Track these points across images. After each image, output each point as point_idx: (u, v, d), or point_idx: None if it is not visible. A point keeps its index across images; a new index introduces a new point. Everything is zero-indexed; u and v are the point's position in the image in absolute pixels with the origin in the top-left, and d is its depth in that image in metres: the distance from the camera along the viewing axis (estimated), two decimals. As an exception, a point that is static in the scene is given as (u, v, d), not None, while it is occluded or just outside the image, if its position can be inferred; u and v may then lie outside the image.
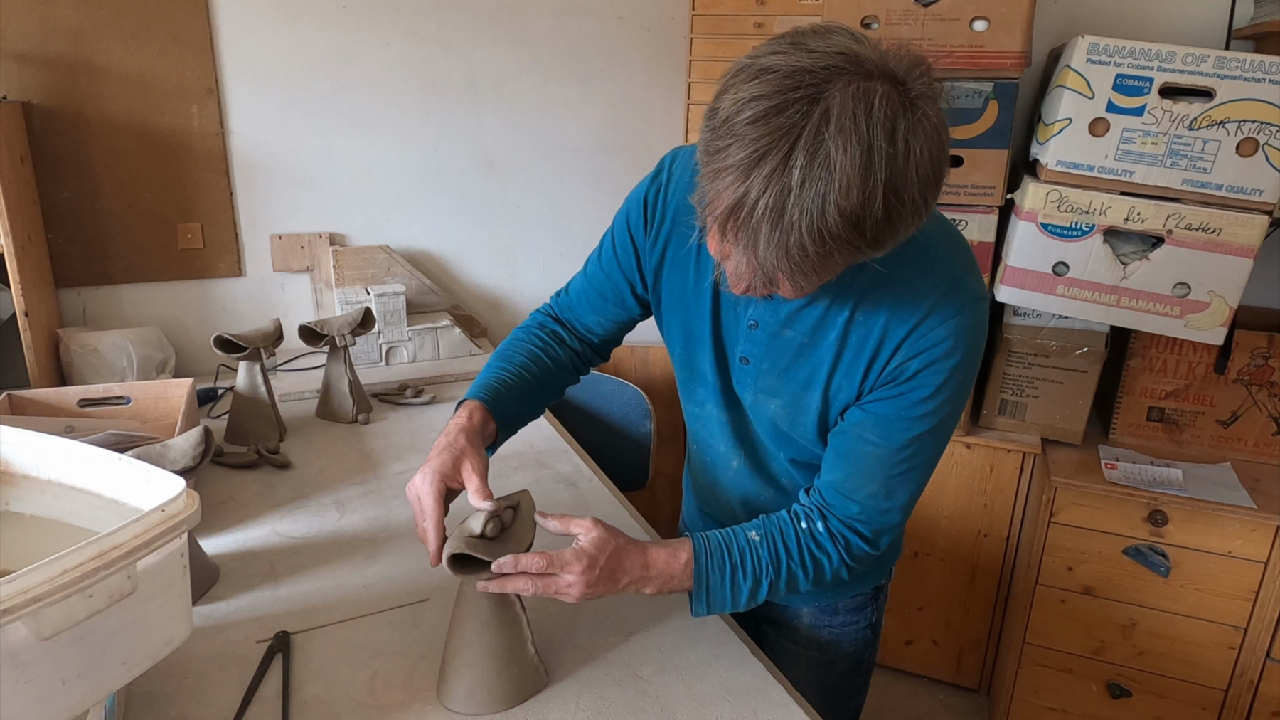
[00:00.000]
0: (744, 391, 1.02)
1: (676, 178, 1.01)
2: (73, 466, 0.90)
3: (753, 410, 1.03)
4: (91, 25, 1.78)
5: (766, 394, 0.99)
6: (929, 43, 1.75)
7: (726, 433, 1.09)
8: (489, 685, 0.92)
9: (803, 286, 0.77)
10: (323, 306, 2.13)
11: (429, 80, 2.09)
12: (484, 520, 0.89)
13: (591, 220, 2.36)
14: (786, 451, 1.04)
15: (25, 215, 1.67)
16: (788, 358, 0.96)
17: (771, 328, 0.96)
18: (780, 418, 1.00)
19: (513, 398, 1.06)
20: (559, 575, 0.89)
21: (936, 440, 0.92)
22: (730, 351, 1.02)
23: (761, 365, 0.98)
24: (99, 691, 0.74)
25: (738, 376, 1.02)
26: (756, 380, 1.00)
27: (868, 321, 0.90)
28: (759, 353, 0.98)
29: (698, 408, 1.11)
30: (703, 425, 1.12)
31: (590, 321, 1.16)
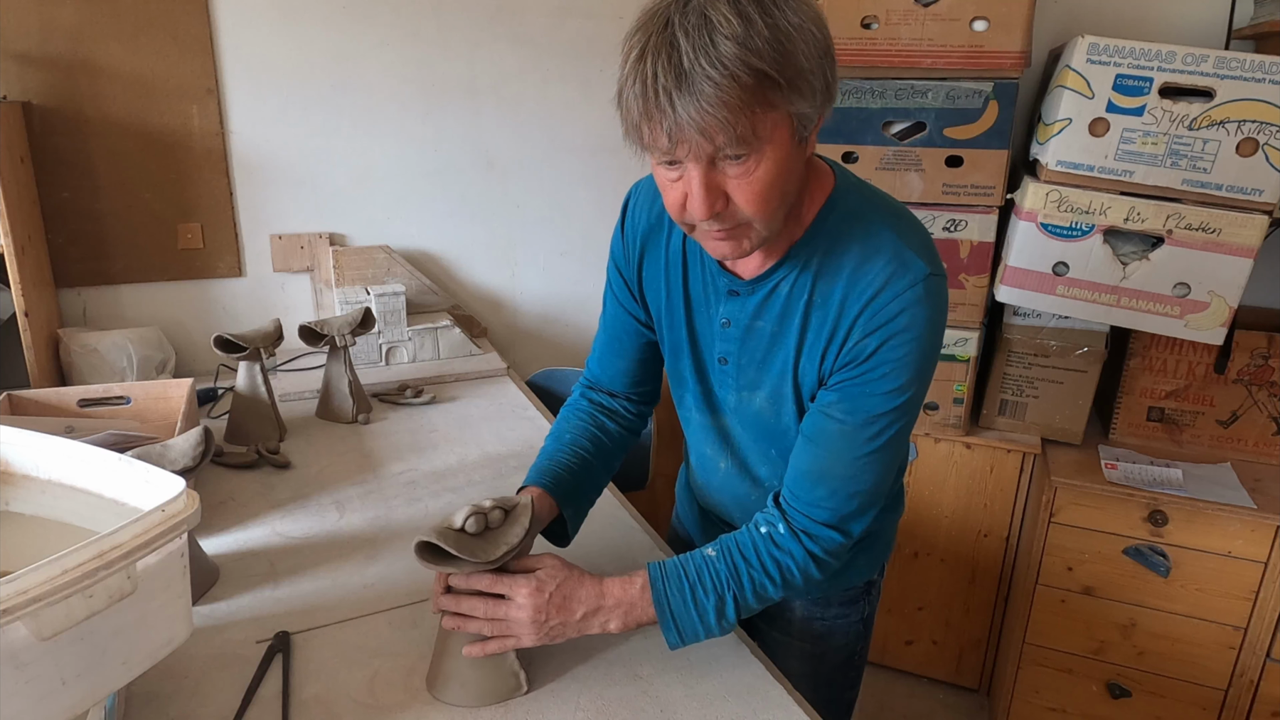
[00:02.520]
0: (726, 393, 1.04)
1: (634, 202, 1.08)
2: (73, 466, 0.90)
3: (737, 411, 1.05)
4: (91, 25, 1.78)
5: (750, 389, 1.01)
6: (929, 43, 1.75)
7: (711, 436, 1.11)
8: (462, 678, 0.93)
9: (749, 140, 0.77)
10: (323, 306, 2.13)
11: (429, 80, 2.09)
12: (465, 515, 0.90)
13: (591, 220, 2.36)
14: (776, 446, 1.04)
15: (25, 215, 1.67)
16: (763, 349, 0.98)
17: (743, 321, 0.98)
18: (765, 411, 1.01)
19: (569, 474, 1.08)
20: (508, 599, 0.90)
21: (901, 420, 0.92)
22: (708, 356, 1.04)
23: (740, 361, 1.00)
24: (99, 691, 0.74)
25: (719, 379, 1.04)
26: (738, 377, 1.01)
27: (825, 304, 0.92)
28: (735, 350, 1.00)
29: (686, 413, 1.14)
30: (691, 430, 1.15)
31: (621, 369, 1.17)
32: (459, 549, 0.87)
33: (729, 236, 0.85)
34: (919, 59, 1.77)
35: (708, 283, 1.01)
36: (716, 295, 1.00)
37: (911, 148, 1.83)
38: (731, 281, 0.98)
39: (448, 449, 1.58)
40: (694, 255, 1.02)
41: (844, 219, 0.92)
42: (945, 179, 1.83)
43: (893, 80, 1.81)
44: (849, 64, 1.82)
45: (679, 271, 1.03)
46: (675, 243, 1.03)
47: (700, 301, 1.02)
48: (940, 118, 1.79)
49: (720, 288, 0.99)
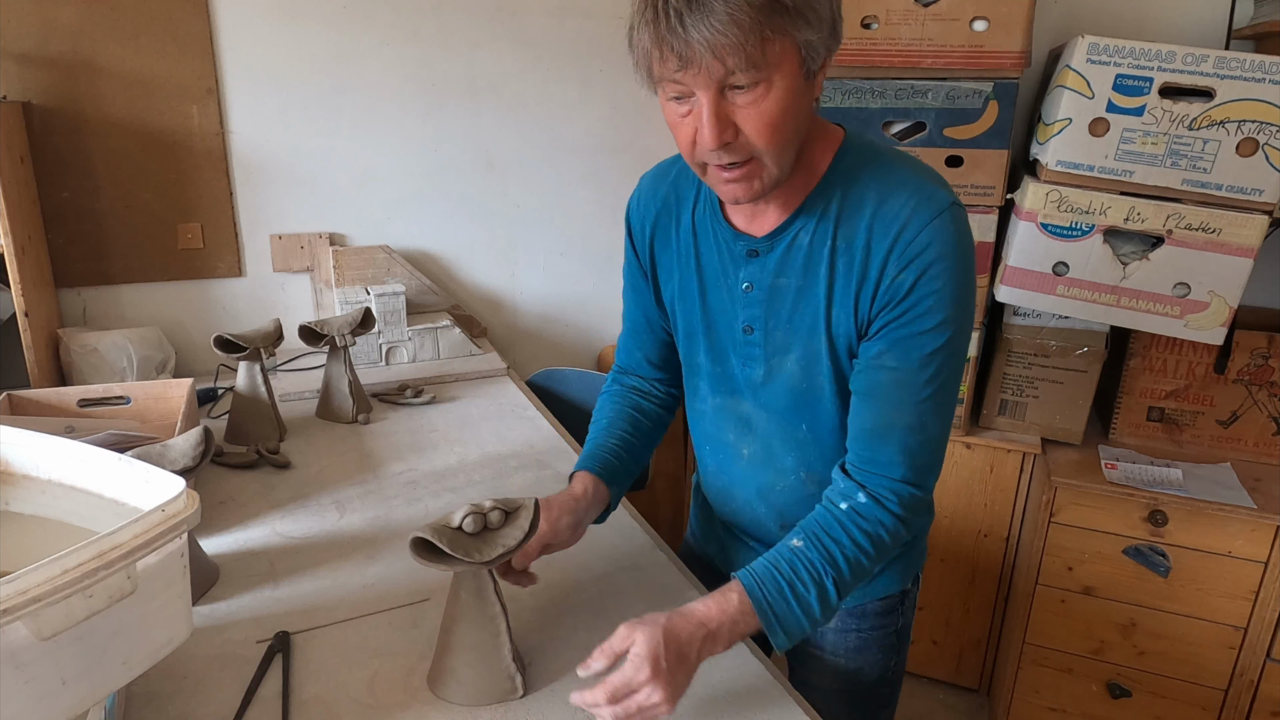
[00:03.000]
0: (753, 368, 1.01)
1: (637, 193, 1.09)
2: (73, 466, 0.90)
3: (766, 386, 1.01)
4: (91, 25, 1.78)
5: (780, 353, 0.98)
6: (929, 43, 1.75)
7: (731, 422, 1.07)
8: (458, 677, 0.93)
9: (758, 64, 0.78)
10: (323, 306, 2.13)
11: (429, 80, 2.09)
12: (463, 514, 0.90)
13: (591, 220, 2.36)
14: (806, 419, 1.00)
15: (25, 215, 1.67)
16: (789, 305, 0.95)
17: (765, 282, 0.96)
18: (796, 377, 0.98)
19: (614, 457, 1.11)
20: (635, 694, 0.82)
21: (952, 358, 0.90)
22: (728, 332, 1.02)
23: (767, 325, 0.97)
24: (99, 691, 0.74)
25: (744, 354, 1.01)
26: (766, 344, 0.98)
27: (850, 248, 0.91)
28: (760, 314, 0.97)
29: (700, 404, 1.11)
30: (708, 420, 1.11)
31: (646, 357, 1.18)
32: (454, 548, 0.87)
33: (740, 176, 0.85)
34: (919, 59, 1.77)
35: (723, 251, 0.99)
36: (734, 261, 0.98)
37: (912, 148, 1.83)
38: (749, 242, 0.96)
39: (448, 449, 1.58)
40: (705, 229, 1.01)
41: (858, 163, 0.92)
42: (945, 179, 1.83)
43: (893, 80, 1.81)
44: (849, 64, 1.82)
45: (691, 252, 1.02)
46: (685, 224, 1.03)
47: (716, 275, 1.00)
48: (940, 118, 1.79)
49: (738, 252, 0.97)
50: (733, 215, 0.99)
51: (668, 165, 1.08)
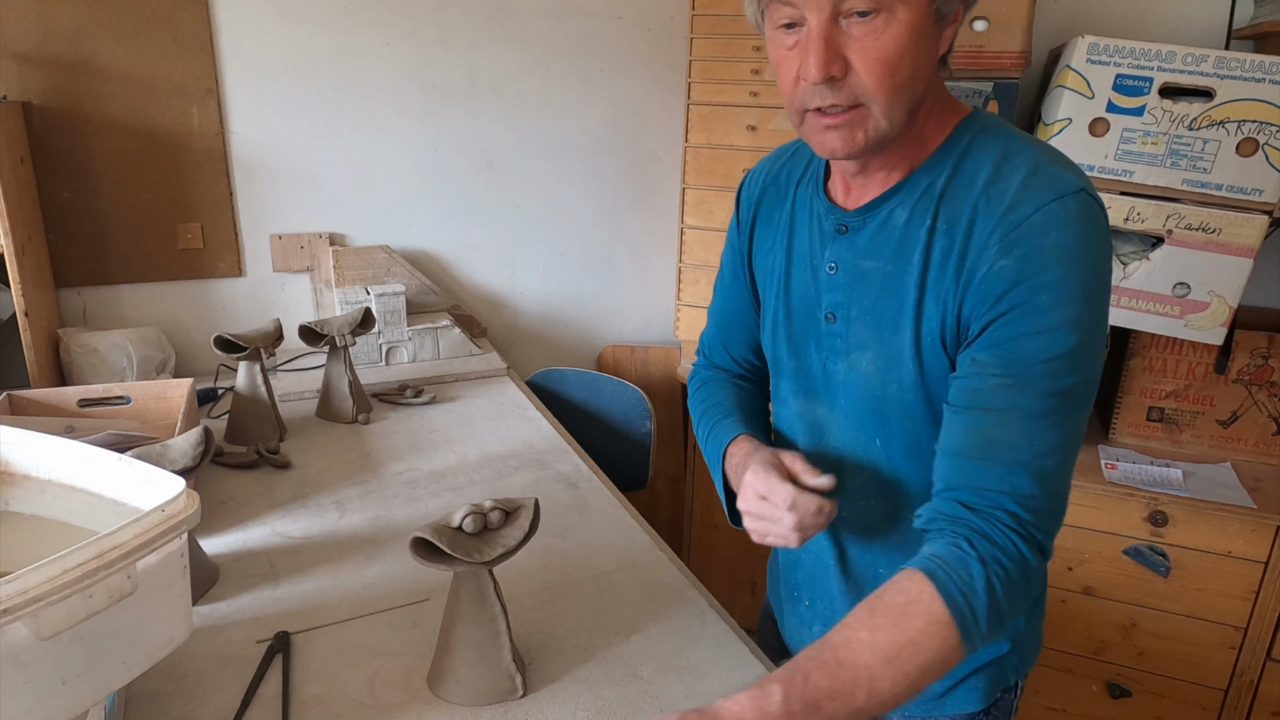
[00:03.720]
0: (835, 362, 0.87)
1: (754, 169, 1.00)
2: (73, 466, 0.90)
3: (844, 386, 0.87)
4: (91, 25, 1.78)
5: (859, 349, 0.84)
6: (929, 43, 1.75)
7: (806, 426, 0.93)
8: (458, 677, 0.93)
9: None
10: (323, 306, 2.13)
11: (429, 80, 2.09)
12: (463, 514, 0.90)
13: (591, 220, 2.36)
14: (880, 432, 0.85)
15: (25, 215, 1.67)
16: (873, 293, 0.83)
17: (852, 264, 0.84)
18: (873, 378, 0.84)
19: (749, 427, 0.98)
20: None
21: (1076, 372, 0.72)
22: (808, 320, 0.89)
23: (850, 314, 0.85)
24: (99, 691, 0.74)
25: (824, 347, 0.88)
26: (847, 336, 0.85)
27: (952, 229, 0.77)
28: (844, 300, 0.85)
29: (783, 408, 0.97)
30: (789, 428, 0.97)
31: (734, 354, 1.08)
32: (454, 548, 0.87)
33: (842, 122, 0.75)
34: (919, 59, 1.77)
35: (814, 227, 0.88)
36: (823, 238, 0.87)
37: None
38: (841, 216, 0.85)
39: (448, 449, 1.58)
40: (804, 203, 0.91)
41: (978, 141, 0.79)
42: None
43: (893, 80, 1.80)
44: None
45: (786, 229, 0.93)
46: (788, 201, 0.93)
47: (804, 253, 0.89)
48: (940, 118, 1.79)
49: (828, 228, 0.86)
50: (833, 188, 0.88)
51: (787, 146, 0.99)
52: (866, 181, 0.84)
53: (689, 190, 2.24)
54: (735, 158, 2.16)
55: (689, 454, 2.39)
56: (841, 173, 0.86)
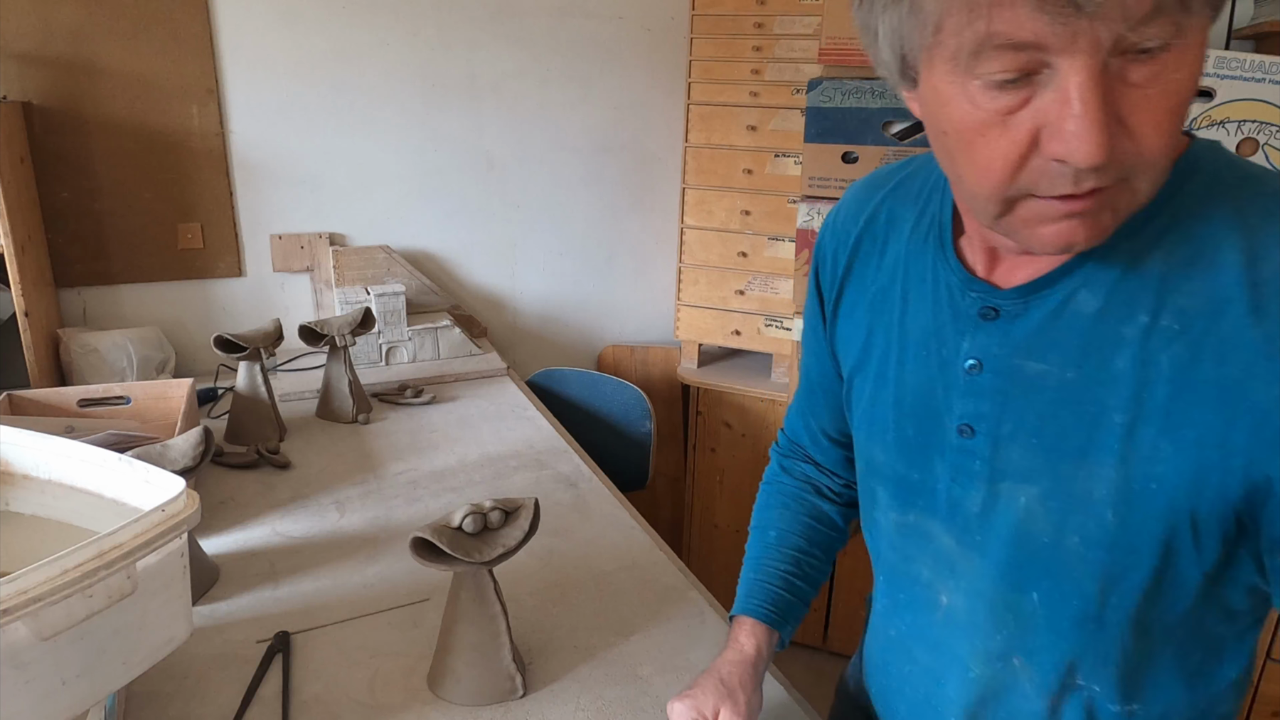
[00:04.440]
0: (968, 487, 0.66)
1: (840, 205, 0.80)
2: (73, 466, 0.90)
3: (985, 519, 0.65)
4: (91, 25, 1.78)
5: (1015, 479, 0.62)
6: (929, 43, 1.75)
7: (921, 548, 0.72)
8: (458, 677, 0.93)
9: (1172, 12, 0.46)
10: (323, 306, 2.13)
11: (429, 80, 2.09)
12: (463, 514, 0.90)
13: (591, 220, 2.36)
14: (1039, 586, 0.63)
15: (25, 215, 1.67)
16: (1043, 408, 0.60)
17: (1007, 362, 0.62)
18: (1038, 521, 0.61)
19: (784, 587, 0.85)
20: None
21: None
22: (932, 426, 0.68)
23: (999, 431, 0.63)
24: (99, 691, 0.74)
25: (959, 465, 0.66)
26: (994, 460, 0.63)
27: (1189, 332, 0.54)
28: (991, 411, 0.63)
29: (879, 514, 0.77)
30: (886, 541, 0.77)
31: (825, 427, 0.89)
32: (454, 548, 0.87)
33: (1093, 207, 0.51)
34: (919, 59, 1.77)
35: (942, 302, 0.67)
36: (959, 322, 0.65)
37: (911, 148, 1.83)
38: (987, 294, 0.63)
39: (448, 449, 1.58)
40: (920, 265, 0.69)
41: (1213, 195, 0.55)
42: (945, 179, 1.83)
43: (893, 80, 1.80)
44: (849, 64, 1.82)
45: (893, 296, 0.71)
46: (894, 255, 0.72)
47: (926, 336, 0.68)
48: (940, 118, 1.79)
49: (967, 309, 0.65)
50: (966, 248, 0.66)
51: (887, 173, 0.78)
52: None
53: (689, 190, 2.24)
54: (735, 158, 2.16)
55: (689, 454, 2.39)
56: (984, 233, 0.63)
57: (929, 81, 0.53)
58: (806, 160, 1.91)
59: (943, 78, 0.51)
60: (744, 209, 2.17)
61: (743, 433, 2.26)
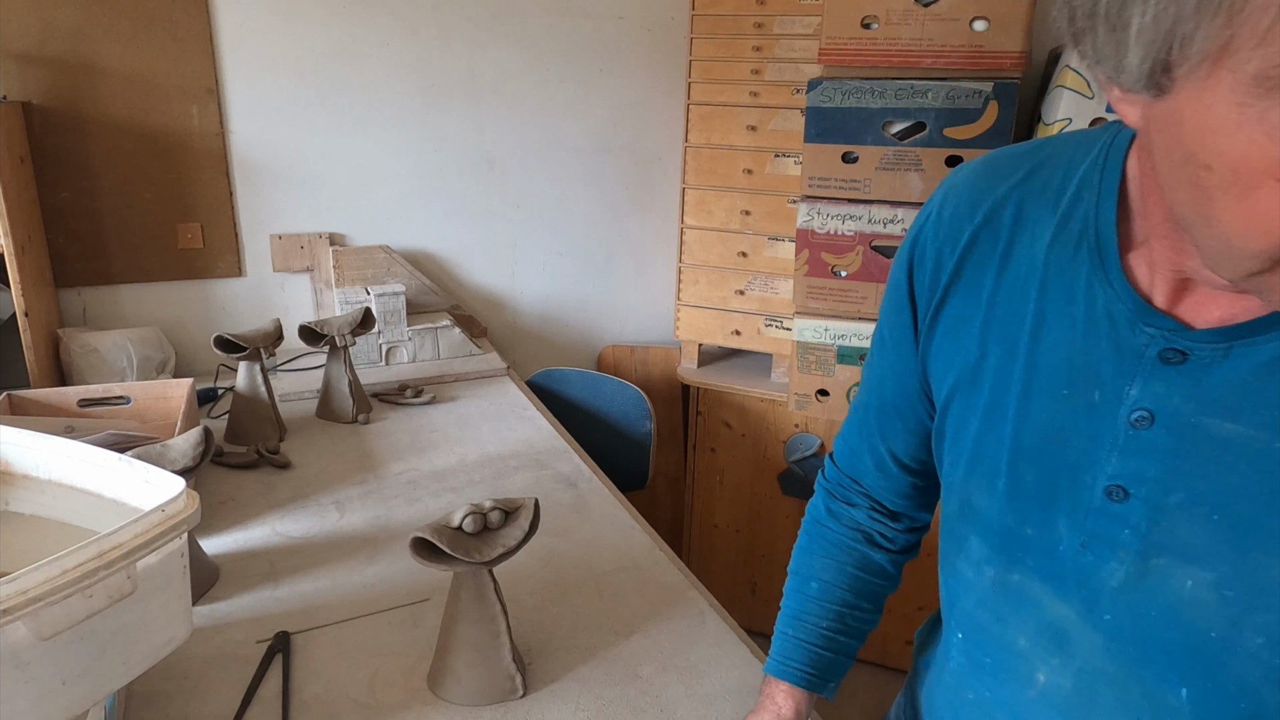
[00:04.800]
0: (1113, 560, 0.56)
1: (945, 193, 0.66)
2: (73, 466, 0.90)
3: (1127, 595, 0.55)
4: (91, 25, 1.78)
5: (1181, 558, 0.53)
6: (929, 43, 1.75)
7: (1023, 612, 0.62)
8: (458, 677, 0.93)
9: None
10: (323, 306, 2.13)
11: (429, 80, 2.09)
12: (463, 514, 0.90)
13: (591, 220, 2.36)
14: (1194, 684, 0.54)
15: (25, 215, 1.67)
16: (1236, 481, 0.50)
17: (1187, 421, 0.52)
18: (1207, 610, 0.52)
19: (826, 645, 0.78)
20: None
21: None
22: (1067, 478, 0.57)
23: (1166, 500, 0.53)
24: (99, 691, 0.74)
25: (1098, 530, 0.56)
26: (1151, 533, 0.54)
27: None
28: (1159, 474, 0.53)
29: (965, 564, 0.67)
30: (973, 595, 0.67)
31: (893, 450, 0.77)
32: (454, 548, 0.87)
33: None
34: (919, 59, 1.77)
35: (1100, 334, 0.55)
36: (1125, 361, 0.54)
37: (911, 148, 1.83)
38: (1174, 334, 0.52)
39: (448, 449, 1.58)
40: (1067, 285, 0.57)
41: None
42: (945, 179, 1.83)
43: (893, 80, 1.81)
44: (849, 64, 1.82)
45: (1024, 313, 0.59)
46: (1025, 262, 0.60)
47: (1072, 373, 0.57)
48: (940, 118, 1.79)
49: (1138, 346, 0.53)
50: (1138, 268, 0.54)
51: (1011, 158, 0.63)
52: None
53: (689, 190, 2.24)
54: (735, 158, 2.16)
55: (689, 454, 2.39)
56: (1178, 257, 0.51)
57: (1197, 98, 0.41)
58: (806, 160, 1.91)
59: (1226, 98, 0.39)
60: (744, 209, 2.17)
61: (743, 433, 2.26)
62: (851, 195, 1.88)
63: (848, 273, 1.91)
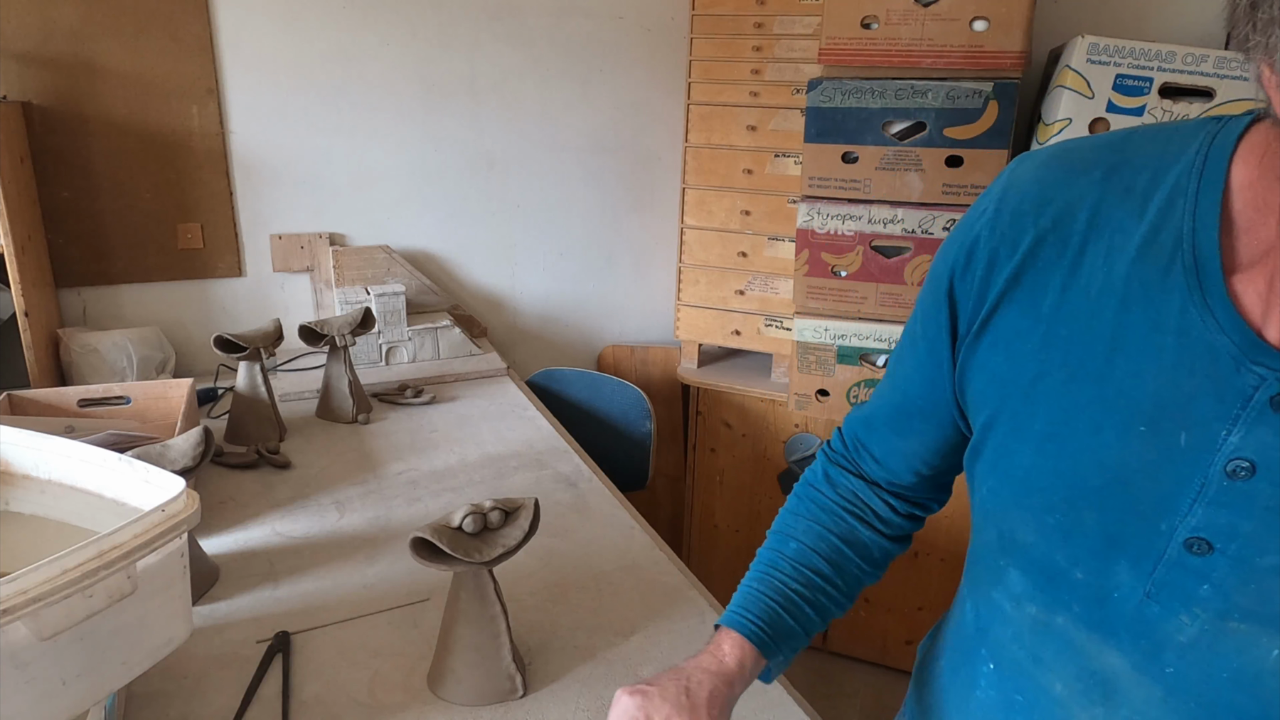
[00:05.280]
0: (1184, 615, 0.51)
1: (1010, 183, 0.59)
2: (73, 466, 0.90)
3: (1196, 653, 0.51)
4: (91, 25, 1.78)
5: (1262, 623, 0.48)
6: (929, 43, 1.75)
7: (1066, 657, 0.57)
8: (458, 677, 0.93)
9: None
10: (323, 306, 2.13)
11: (429, 80, 2.09)
12: (463, 514, 0.90)
13: (591, 220, 2.36)
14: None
15: (25, 215, 1.67)
16: None
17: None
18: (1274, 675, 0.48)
19: (788, 608, 0.70)
20: None
21: None
22: (1139, 526, 0.52)
23: (1257, 561, 0.48)
24: (99, 691, 0.74)
25: (1171, 582, 0.51)
26: (1234, 594, 0.49)
27: None
28: (1256, 533, 0.48)
29: (1001, 596, 0.62)
30: (1008, 631, 0.62)
31: (902, 454, 0.73)
32: (454, 548, 0.87)
33: None
34: (919, 59, 1.77)
35: (1195, 368, 0.49)
36: (1225, 403, 0.48)
37: (911, 148, 1.83)
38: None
39: (448, 449, 1.58)
40: (1154, 306, 0.51)
41: None
42: (945, 179, 1.83)
43: (893, 80, 1.81)
44: (849, 64, 1.82)
45: (1098, 336, 0.52)
46: (1103, 273, 0.53)
47: (1155, 409, 0.50)
48: (940, 118, 1.79)
49: (1244, 387, 0.48)
50: (1245, 295, 0.49)
51: (1089, 152, 0.56)
52: None
53: (689, 190, 2.24)
54: (735, 158, 2.16)
55: (689, 454, 2.39)
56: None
57: None
58: (806, 160, 1.91)
59: None
60: (744, 209, 2.17)
61: (743, 433, 2.26)
62: (851, 195, 1.88)
63: (848, 273, 1.91)
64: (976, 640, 0.66)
